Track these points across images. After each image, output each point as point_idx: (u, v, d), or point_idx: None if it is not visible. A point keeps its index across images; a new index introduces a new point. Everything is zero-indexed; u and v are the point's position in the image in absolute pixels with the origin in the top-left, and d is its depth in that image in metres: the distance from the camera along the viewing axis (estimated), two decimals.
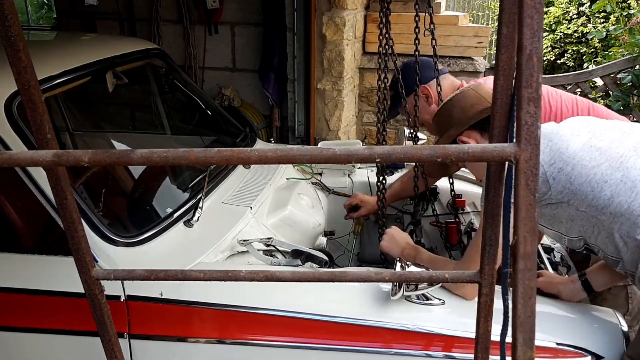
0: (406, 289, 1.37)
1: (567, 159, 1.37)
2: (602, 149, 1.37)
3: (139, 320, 1.47)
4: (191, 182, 1.91)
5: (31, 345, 1.55)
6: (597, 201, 1.33)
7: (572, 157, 1.36)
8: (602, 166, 1.34)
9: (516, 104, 0.53)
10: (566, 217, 1.42)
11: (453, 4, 5.53)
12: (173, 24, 4.27)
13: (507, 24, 0.55)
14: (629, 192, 1.30)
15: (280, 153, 0.55)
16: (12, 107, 1.47)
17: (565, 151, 1.38)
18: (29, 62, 0.59)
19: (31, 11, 8.68)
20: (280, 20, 3.71)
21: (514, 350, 0.58)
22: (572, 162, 1.36)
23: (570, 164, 1.36)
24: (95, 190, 1.75)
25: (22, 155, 0.57)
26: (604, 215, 1.33)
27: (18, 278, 1.53)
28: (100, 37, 2.78)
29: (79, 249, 0.69)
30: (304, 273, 0.72)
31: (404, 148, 0.54)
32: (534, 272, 0.57)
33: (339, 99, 3.63)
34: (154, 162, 0.55)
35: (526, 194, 0.54)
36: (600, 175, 1.33)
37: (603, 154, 1.36)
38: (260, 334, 1.45)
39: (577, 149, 1.38)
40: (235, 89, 4.23)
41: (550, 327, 1.42)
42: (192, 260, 1.56)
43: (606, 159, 1.35)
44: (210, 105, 2.57)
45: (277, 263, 1.72)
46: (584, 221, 1.38)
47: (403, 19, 3.52)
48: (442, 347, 1.40)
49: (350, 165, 2.42)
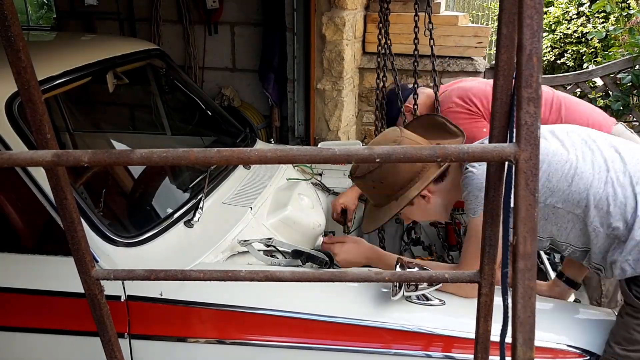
0: (406, 289, 1.36)
1: (542, 156, 1.37)
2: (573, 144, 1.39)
3: (139, 321, 1.47)
4: (191, 182, 1.91)
5: (31, 345, 1.55)
6: (572, 195, 1.34)
7: (546, 153, 1.36)
8: (575, 160, 1.35)
9: (516, 104, 0.53)
10: (540, 216, 1.42)
11: (453, 4, 5.53)
12: (173, 24, 4.27)
13: (507, 24, 0.55)
14: (602, 184, 1.32)
15: (280, 153, 0.55)
16: (13, 107, 1.47)
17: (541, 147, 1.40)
18: (28, 62, 0.59)
19: (31, 11, 8.68)
20: (280, 20, 3.71)
21: (514, 350, 0.58)
22: (547, 159, 1.36)
23: (546, 161, 1.35)
24: (96, 191, 1.75)
25: (22, 155, 0.57)
26: (579, 209, 1.34)
27: (18, 278, 1.53)
28: (100, 37, 2.78)
29: (78, 249, 0.69)
30: (304, 273, 0.72)
31: (404, 148, 0.54)
32: (534, 272, 0.57)
33: (339, 99, 3.63)
34: (153, 162, 0.55)
35: (526, 194, 0.54)
36: (573, 169, 1.34)
37: (573, 148, 1.38)
38: (260, 334, 1.45)
39: (547, 145, 1.39)
40: (235, 89, 4.23)
41: (550, 328, 1.43)
42: (192, 260, 1.56)
43: (575, 153, 1.37)
44: (210, 106, 2.57)
45: (278, 263, 1.72)
46: (558, 218, 1.39)
47: (403, 19, 3.52)
48: (441, 348, 1.40)
49: (350, 166, 2.42)
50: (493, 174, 0.62)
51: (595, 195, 1.32)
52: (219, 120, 2.54)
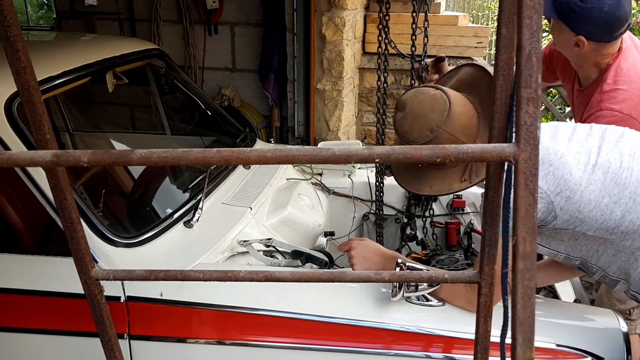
0: (406, 290, 1.36)
1: (573, 186, 1.26)
2: (604, 167, 1.28)
3: (138, 321, 1.47)
4: (191, 182, 1.91)
5: (31, 346, 1.55)
6: (607, 224, 1.26)
7: (578, 183, 1.26)
8: (609, 187, 1.26)
9: (515, 104, 0.53)
10: (569, 237, 1.36)
11: (453, 4, 5.52)
12: (173, 24, 4.27)
13: (506, 24, 0.55)
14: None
15: (279, 153, 0.55)
16: (12, 107, 1.47)
17: (570, 178, 1.27)
18: (28, 63, 0.59)
19: (31, 11, 8.69)
20: (280, 21, 3.71)
21: (514, 351, 0.58)
22: (579, 189, 1.26)
23: (578, 192, 1.26)
24: (95, 191, 1.75)
25: (22, 156, 0.57)
26: (614, 235, 1.27)
27: (18, 279, 1.53)
28: (100, 37, 2.78)
29: (78, 250, 0.69)
30: (304, 273, 0.71)
31: (404, 148, 0.54)
32: (534, 272, 0.57)
33: (339, 99, 3.63)
34: (153, 162, 0.55)
35: (525, 194, 0.54)
36: (608, 197, 1.25)
37: (606, 173, 1.27)
38: (260, 335, 1.45)
39: (580, 172, 1.27)
40: (235, 89, 4.24)
41: (550, 329, 1.42)
42: (192, 261, 1.56)
43: (611, 177, 1.26)
44: (210, 106, 2.57)
45: (277, 264, 1.72)
46: (589, 241, 1.32)
47: (402, 19, 3.52)
48: (441, 348, 1.40)
49: (350, 166, 2.42)
50: (493, 174, 0.62)
51: (634, 220, 1.24)
52: (218, 120, 2.54)
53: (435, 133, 1.37)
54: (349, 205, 2.39)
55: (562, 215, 1.28)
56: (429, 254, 2.02)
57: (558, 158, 1.29)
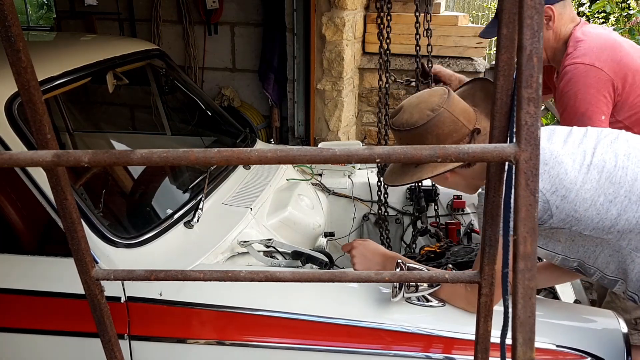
0: (406, 290, 1.36)
1: (569, 185, 1.27)
2: (599, 166, 1.28)
3: (139, 322, 1.47)
4: (191, 183, 1.91)
5: (31, 346, 1.55)
6: (603, 223, 1.26)
7: (574, 182, 1.27)
8: (604, 186, 1.26)
9: (516, 104, 0.53)
10: (566, 238, 1.36)
11: (453, 4, 5.53)
12: (173, 25, 4.27)
13: (507, 24, 0.55)
14: (635, 207, 1.24)
15: (280, 153, 0.54)
16: (13, 107, 1.48)
17: (566, 177, 1.28)
18: (28, 63, 0.59)
19: (31, 11, 8.70)
20: (280, 21, 3.71)
21: (514, 351, 0.58)
22: (575, 188, 1.26)
23: (574, 191, 1.26)
24: (96, 191, 1.75)
25: (22, 156, 0.57)
26: (611, 235, 1.28)
27: (18, 279, 1.53)
28: (100, 37, 2.78)
29: (78, 250, 0.69)
30: (304, 273, 0.71)
31: (404, 148, 0.54)
32: (534, 273, 0.57)
33: (339, 99, 3.63)
34: (153, 162, 0.55)
35: (526, 194, 0.53)
36: (604, 196, 1.25)
37: (601, 172, 1.28)
38: (260, 335, 1.45)
39: (576, 172, 1.28)
40: (235, 90, 4.24)
41: (550, 329, 1.42)
42: (192, 261, 1.56)
43: (606, 177, 1.27)
44: (210, 106, 2.57)
45: (278, 264, 1.72)
46: (586, 241, 1.33)
47: (403, 19, 3.52)
48: (442, 349, 1.40)
49: (350, 166, 2.42)
50: (493, 174, 0.62)
51: (630, 219, 1.24)
52: (219, 120, 2.54)
53: (436, 112, 1.38)
54: (349, 205, 2.39)
55: (558, 214, 1.29)
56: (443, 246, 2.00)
57: (553, 157, 1.30)
